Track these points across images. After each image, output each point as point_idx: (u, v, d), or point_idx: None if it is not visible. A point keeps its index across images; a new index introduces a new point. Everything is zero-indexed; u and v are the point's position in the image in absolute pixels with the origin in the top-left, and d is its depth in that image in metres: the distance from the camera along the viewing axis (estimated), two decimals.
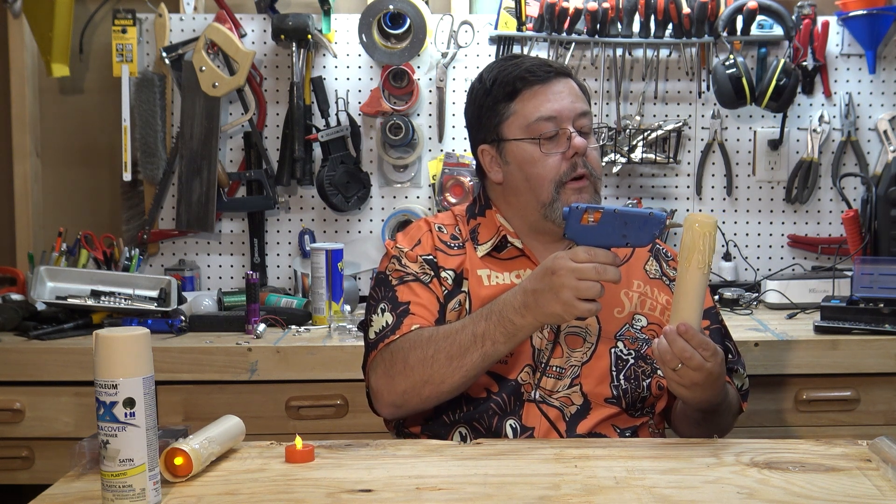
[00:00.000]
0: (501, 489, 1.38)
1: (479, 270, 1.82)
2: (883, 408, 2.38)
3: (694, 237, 1.60)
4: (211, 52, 2.83)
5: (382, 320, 1.76)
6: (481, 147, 1.86)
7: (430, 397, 1.70)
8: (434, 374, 1.67)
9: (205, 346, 2.39)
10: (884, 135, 2.90)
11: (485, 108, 1.83)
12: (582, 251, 1.58)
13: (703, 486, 1.39)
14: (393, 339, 1.72)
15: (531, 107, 1.79)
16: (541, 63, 1.82)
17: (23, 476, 2.40)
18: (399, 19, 2.83)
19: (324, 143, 2.86)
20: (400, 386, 1.70)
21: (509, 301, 1.65)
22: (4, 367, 2.36)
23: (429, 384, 1.68)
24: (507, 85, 1.80)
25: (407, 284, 1.79)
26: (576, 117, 1.79)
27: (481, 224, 1.87)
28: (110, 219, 3.01)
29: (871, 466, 1.46)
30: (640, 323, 1.82)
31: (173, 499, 1.36)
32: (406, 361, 1.69)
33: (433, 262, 1.82)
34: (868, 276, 2.49)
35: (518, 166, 1.81)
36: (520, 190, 1.82)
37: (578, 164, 1.78)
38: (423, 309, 1.77)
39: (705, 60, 2.87)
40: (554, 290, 1.58)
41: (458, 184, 2.85)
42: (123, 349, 1.30)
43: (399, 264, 1.82)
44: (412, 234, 1.87)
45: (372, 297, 1.83)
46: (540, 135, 1.78)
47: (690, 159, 2.96)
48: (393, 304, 1.77)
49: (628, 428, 1.77)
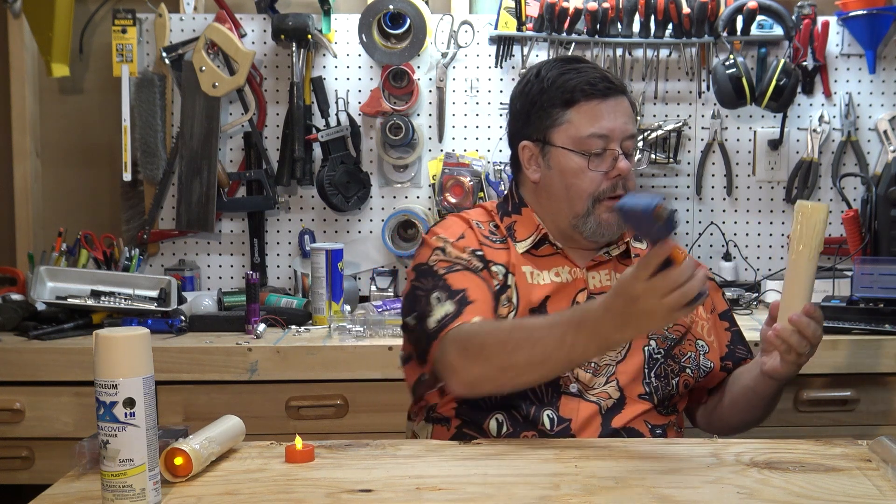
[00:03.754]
0: (501, 489, 1.38)
1: (524, 267, 1.83)
2: (883, 408, 2.38)
3: (802, 220, 1.69)
4: (211, 52, 2.83)
5: (442, 310, 1.73)
6: (523, 143, 1.87)
7: (505, 385, 1.68)
8: (513, 365, 1.62)
9: (205, 346, 2.39)
10: (884, 135, 2.90)
11: (536, 106, 1.84)
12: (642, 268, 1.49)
13: (703, 486, 1.39)
14: (454, 326, 1.69)
15: (585, 121, 1.80)
16: (602, 77, 1.82)
17: (23, 476, 2.40)
18: (399, 19, 2.83)
19: (324, 143, 2.86)
20: (476, 370, 1.65)
21: (602, 316, 1.55)
22: (4, 367, 2.36)
23: (506, 373, 1.64)
24: (565, 91, 1.80)
25: (458, 273, 1.78)
26: (625, 138, 1.81)
27: (517, 222, 1.88)
28: (110, 219, 3.01)
29: (871, 466, 1.46)
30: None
31: (173, 499, 1.36)
32: (483, 347, 1.65)
33: (482, 256, 1.82)
34: (868, 276, 2.48)
35: (560, 173, 1.82)
36: (556, 196, 1.84)
37: (618, 186, 1.81)
38: (480, 297, 1.74)
39: (705, 60, 2.87)
40: (647, 315, 1.50)
41: (458, 184, 2.85)
42: (123, 349, 1.30)
43: (444, 254, 1.81)
44: (452, 229, 1.86)
45: (418, 289, 1.79)
46: (590, 151, 1.79)
47: (690, 159, 2.96)
48: (448, 293, 1.74)
49: (659, 426, 1.78)
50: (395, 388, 2.37)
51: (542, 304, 1.80)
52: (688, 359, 1.82)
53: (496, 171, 2.88)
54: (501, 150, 2.93)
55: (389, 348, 2.36)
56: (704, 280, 1.51)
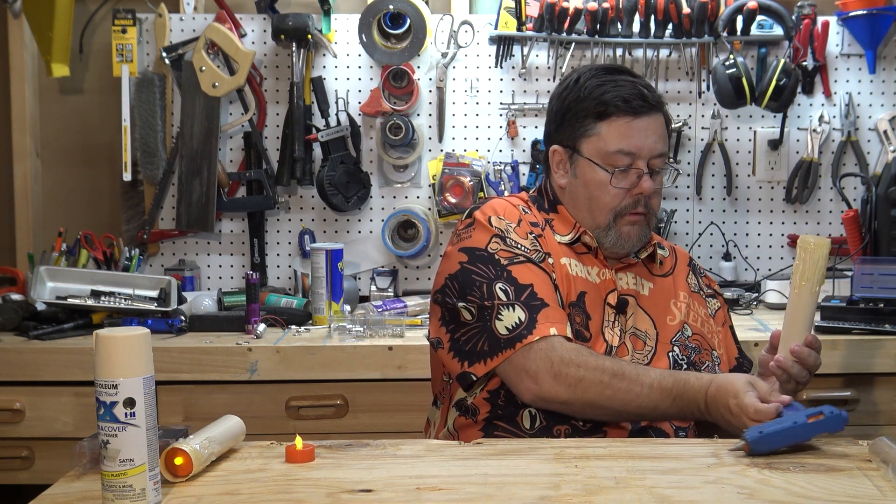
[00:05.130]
0: (501, 489, 1.38)
1: (562, 259, 1.83)
2: (883, 408, 2.38)
3: (806, 257, 1.71)
4: (211, 52, 2.83)
5: (514, 316, 1.72)
6: (554, 147, 1.87)
7: (582, 414, 1.73)
8: (600, 408, 1.70)
9: (205, 346, 2.39)
10: (884, 135, 2.90)
11: (571, 113, 1.84)
12: (760, 412, 1.60)
13: (703, 486, 1.39)
14: (532, 340, 1.70)
15: (615, 136, 1.80)
16: (639, 94, 1.81)
17: (23, 476, 2.41)
18: (399, 19, 2.83)
19: (324, 143, 2.86)
20: (564, 396, 1.69)
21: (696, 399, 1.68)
22: (4, 367, 2.36)
23: (592, 409, 1.71)
24: (599, 104, 1.80)
25: (522, 265, 1.77)
26: (653, 157, 1.81)
27: (555, 220, 1.88)
28: (110, 219, 3.01)
29: (871, 466, 1.46)
30: (687, 332, 1.87)
31: (173, 499, 1.36)
32: (580, 380, 1.68)
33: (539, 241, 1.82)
34: (868, 276, 2.49)
35: (584, 183, 1.83)
36: (579, 204, 1.85)
37: (640, 203, 1.82)
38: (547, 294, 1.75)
39: (705, 60, 2.87)
40: (736, 419, 1.63)
41: (458, 184, 2.85)
42: (123, 349, 1.30)
43: (505, 243, 1.79)
44: (510, 211, 1.85)
45: (474, 274, 1.77)
46: (615, 167, 1.80)
47: (690, 159, 2.96)
48: (515, 287, 1.74)
49: (682, 427, 1.79)
50: (395, 388, 2.37)
51: (580, 300, 1.80)
52: (706, 367, 1.85)
53: (496, 171, 2.88)
54: (501, 150, 2.93)
55: (389, 348, 2.36)
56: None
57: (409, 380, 2.36)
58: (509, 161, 2.90)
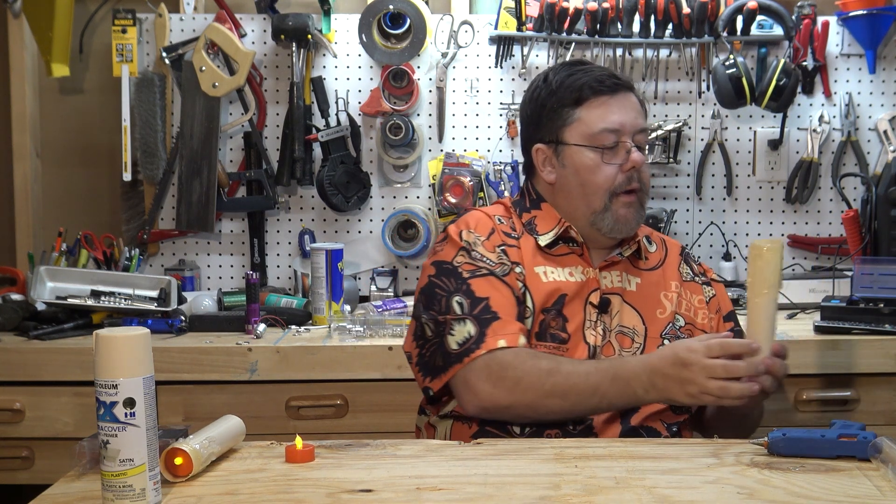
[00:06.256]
0: (501, 489, 1.38)
1: (536, 268, 1.83)
2: (883, 408, 2.38)
3: (763, 264, 1.66)
4: (211, 52, 2.83)
5: (464, 331, 1.75)
6: (537, 146, 1.89)
7: (526, 419, 1.73)
8: (543, 406, 1.70)
9: (205, 346, 2.39)
10: (884, 135, 2.90)
11: (547, 109, 1.86)
12: (717, 346, 1.60)
13: (703, 486, 1.39)
14: (479, 354, 1.72)
15: (596, 117, 1.82)
16: (609, 74, 1.86)
17: (23, 476, 2.40)
18: (399, 19, 2.83)
19: (324, 143, 2.86)
20: (504, 400, 1.71)
21: (637, 374, 1.66)
22: (4, 367, 2.36)
23: (534, 411, 1.71)
24: (574, 91, 1.83)
25: (483, 278, 1.78)
26: (636, 132, 1.83)
27: (537, 217, 1.89)
28: (110, 219, 3.01)
29: (871, 466, 1.46)
30: (679, 323, 1.87)
31: (173, 499, 1.36)
32: (518, 382, 1.70)
33: (507, 253, 1.83)
34: (868, 276, 2.49)
35: (574, 171, 1.84)
36: (572, 194, 1.86)
37: (633, 178, 1.83)
38: (503, 307, 1.76)
39: (705, 60, 2.87)
40: (682, 383, 1.60)
41: (458, 184, 2.85)
42: (123, 349, 1.30)
43: (470, 256, 1.81)
44: (484, 224, 1.86)
45: (437, 287, 1.81)
46: (603, 145, 1.81)
47: (690, 159, 2.96)
48: (471, 300, 1.76)
49: (674, 423, 1.79)
50: (395, 388, 2.37)
51: (557, 303, 1.80)
52: None
53: (496, 171, 2.88)
54: (501, 150, 2.93)
55: (389, 348, 2.36)
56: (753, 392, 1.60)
57: (409, 380, 2.34)
58: (509, 161, 2.90)
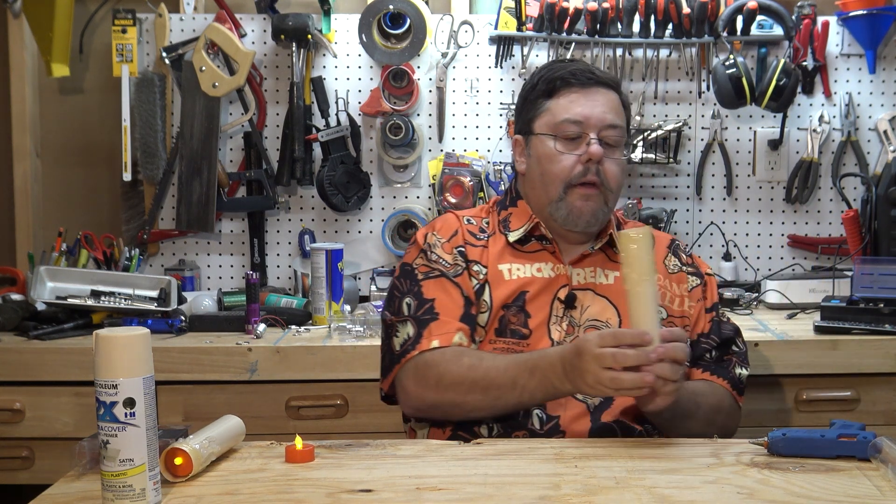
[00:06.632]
0: (501, 489, 1.38)
1: (500, 265, 1.85)
2: (883, 408, 2.38)
3: (638, 251, 1.61)
4: (211, 52, 2.83)
5: (405, 332, 1.79)
6: (515, 137, 1.94)
7: (454, 417, 1.76)
8: (466, 402, 1.71)
9: (205, 346, 2.39)
10: (884, 135, 2.90)
11: (526, 102, 1.91)
12: (610, 336, 1.57)
13: (703, 486, 1.39)
14: (413, 355, 1.75)
15: (562, 107, 1.84)
16: (586, 69, 1.87)
17: (23, 476, 2.40)
18: (399, 19, 2.83)
19: (324, 143, 2.86)
20: (429, 398, 1.74)
21: (553, 364, 1.65)
22: (4, 367, 2.36)
23: (459, 408, 1.73)
24: (549, 82, 1.87)
25: (434, 280, 1.82)
26: (603, 127, 1.83)
27: (512, 214, 1.92)
28: (110, 219, 3.01)
29: (871, 466, 1.46)
30: (661, 315, 1.85)
31: (173, 499, 1.36)
32: (440, 380, 1.72)
33: (464, 253, 1.85)
34: (868, 276, 2.48)
35: (537, 160, 1.87)
36: (535, 184, 1.88)
37: (591, 171, 1.82)
38: (446, 308, 1.78)
39: (705, 60, 2.87)
40: (580, 372, 1.60)
41: (458, 184, 2.85)
42: (123, 349, 1.30)
43: (426, 258, 1.85)
44: (448, 225, 1.90)
45: (395, 289, 1.86)
46: (564, 135, 1.83)
47: (690, 159, 2.95)
48: (418, 301, 1.80)
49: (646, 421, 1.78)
50: None
51: (518, 299, 1.82)
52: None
53: (496, 171, 2.88)
54: (501, 150, 2.93)
55: None
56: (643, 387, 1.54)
57: None
58: (509, 161, 2.90)
